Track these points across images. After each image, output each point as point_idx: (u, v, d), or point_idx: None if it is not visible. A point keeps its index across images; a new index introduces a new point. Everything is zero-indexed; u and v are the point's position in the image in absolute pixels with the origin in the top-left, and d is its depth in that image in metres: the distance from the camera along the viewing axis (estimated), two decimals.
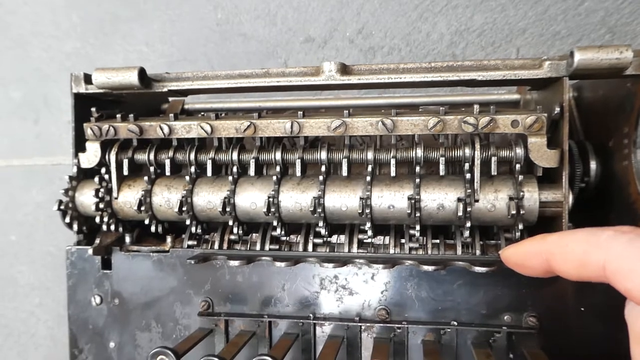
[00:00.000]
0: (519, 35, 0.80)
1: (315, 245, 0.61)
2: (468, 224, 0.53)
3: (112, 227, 0.63)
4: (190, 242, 0.63)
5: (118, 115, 0.61)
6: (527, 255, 0.44)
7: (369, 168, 0.57)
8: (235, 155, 0.60)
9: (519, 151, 0.54)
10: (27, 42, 0.99)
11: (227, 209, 0.58)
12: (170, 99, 0.79)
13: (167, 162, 0.61)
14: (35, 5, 0.98)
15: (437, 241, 0.60)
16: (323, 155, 0.58)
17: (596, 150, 0.60)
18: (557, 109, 0.52)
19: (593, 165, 0.60)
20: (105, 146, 0.62)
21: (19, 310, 1.02)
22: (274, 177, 0.58)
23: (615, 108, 0.58)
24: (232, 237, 0.63)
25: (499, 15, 0.81)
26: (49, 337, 1.01)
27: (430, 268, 0.52)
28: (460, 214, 0.53)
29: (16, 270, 1.01)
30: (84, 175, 0.64)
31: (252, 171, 0.60)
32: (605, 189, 0.59)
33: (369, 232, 0.57)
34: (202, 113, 0.77)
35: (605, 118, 0.61)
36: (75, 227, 0.63)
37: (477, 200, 0.54)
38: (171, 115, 0.61)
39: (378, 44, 0.85)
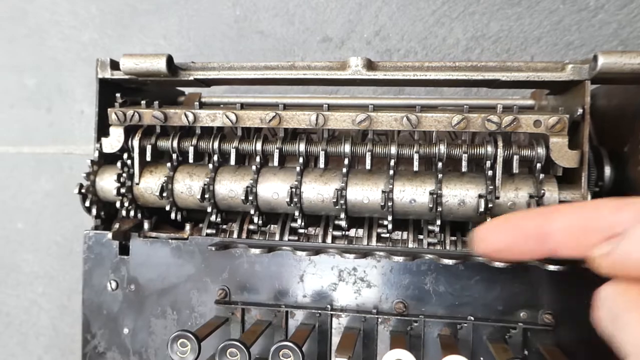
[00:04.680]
0: (534, 44, 0.82)
1: (334, 238, 0.62)
2: (489, 220, 0.54)
3: (132, 213, 0.63)
4: (209, 231, 0.64)
5: (143, 102, 0.62)
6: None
7: (392, 162, 0.58)
8: (259, 146, 0.61)
9: (541, 151, 0.55)
10: (45, 31, 0.99)
11: (250, 198, 0.59)
12: (187, 91, 0.80)
13: (191, 150, 0.62)
14: None
15: (455, 238, 0.61)
16: (347, 148, 0.59)
17: (610, 156, 0.62)
18: (580, 110, 0.54)
19: (607, 170, 0.61)
20: (129, 132, 0.63)
21: (21, 299, 1.01)
22: (297, 168, 0.59)
23: (631, 114, 0.60)
24: (251, 227, 0.63)
25: (514, 23, 0.83)
26: (50, 326, 1.00)
27: (450, 262, 0.53)
28: (481, 209, 0.54)
29: (21, 258, 1.01)
30: (104, 160, 0.65)
31: (275, 161, 0.60)
32: (618, 193, 0.60)
33: (389, 226, 0.58)
34: (221, 106, 0.77)
35: (620, 124, 0.62)
36: (94, 211, 0.63)
37: (497, 197, 0.55)
38: (196, 103, 0.61)
39: (395, 46, 0.86)
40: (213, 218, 0.62)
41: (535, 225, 0.37)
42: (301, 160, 0.60)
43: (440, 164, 0.57)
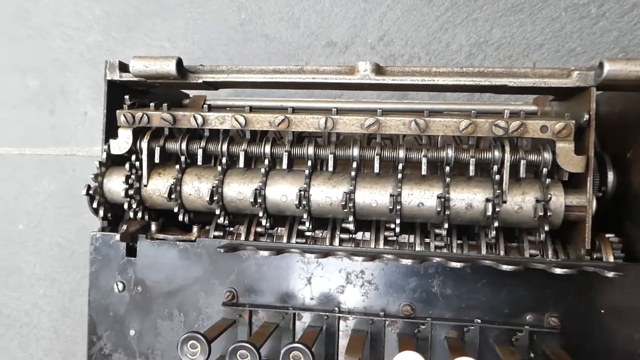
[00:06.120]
0: (536, 50, 0.83)
1: (341, 241, 0.62)
2: (495, 224, 0.55)
3: (139, 215, 0.63)
4: (216, 233, 0.64)
5: (151, 104, 0.62)
6: None
7: (400, 166, 0.58)
8: (268, 149, 0.61)
9: (547, 156, 0.56)
10: (48, 32, 0.99)
11: (259, 200, 0.59)
12: (192, 94, 0.80)
13: (200, 152, 0.62)
14: None
15: (461, 241, 0.61)
16: (355, 152, 0.59)
17: (613, 162, 0.63)
18: (586, 116, 0.54)
19: (610, 175, 0.62)
20: (137, 134, 0.63)
21: (22, 301, 1.01)
22: (306, 171, 0.59)
23: (634, 121, 0.61)
24: (259, 229, 0.63)
25: (517, 30, 0.84)
26: (52, 329, 0.99)
27: (457, 265, 0.54)
28: (488, 213, 0.55)
29: (22, 260, 1.00)
30: (111, 162, 0.65)
31: (284, 164, 0.61)
32: (621, 198, 0.61)
33: (397, 230, 0.58)
34: (228, 109, 0.77)
35: (623, 131, 0.63)
36: (101, 212, 0.63)
37: (504, 202, 0.56)
38: (205, 106, 0.62)
39: (399, 51, 0.87)
40: (221, 220, 0.62)
41: None
42: (310, 163, 0.60)
43: (447, 168, 0.57)
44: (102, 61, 0.65)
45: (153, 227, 0.64)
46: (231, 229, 0.65)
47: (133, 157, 0.63)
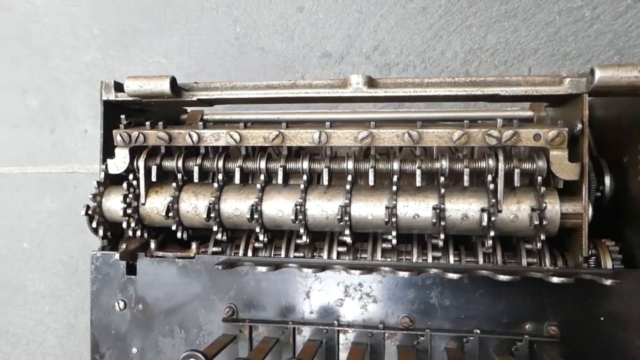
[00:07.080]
0: (531, 55, 0.83)
1: (339, 254, 0.62)
2: (492, 234, 0.55)
3: (138, 233, 0.64)
4: (215, 249, 0.64)
5: (147, 123, 0.63)
6: None
7: (395, 178, 0.58)
8: (263, 164, 0.62)
9: (541, 164, 0.56)
10: (47, 52, 1.00)
11: (255, 216, 0.59)
12: (189, 110, 0.80)
13: (196, 170, 0.62)
14: (57, 17, 1.00)
15: (458, 251, 0.61)
16: (350, 165, 0.59)
17: (610, 166, 0.62)
18: (579, 125, 0.54)
19: (607, 180, 0.62)
20: (134, 153, 0.63)
21: (27, 319, 1.02)
22: (302, 186, 0.59)
23: (630, 125, 0.61)
24: (257, 244, 0.64)
25: (511, 35, 0.84)
26: (58, 346, 1.00)
27: (455, 276, 0.53)
28: (484, 223, 0.55)
29: (26, 277, 1.01)
30: (109, 181, 0.65)
31: (279, 179, 0.61)
32: (618, 203, 0.61)
33: (394, 242, 0.58)
34: (225, 125, 0.78)
35: (618, 135, 0.63)
36: (100, 232, 0.64)
37: (500, 211, 0.56)
38: (200, 123, 0.62)
39: (394, 60, 0.87)
40: (219, 236, 0.62)
41: None
42: (305, 177, 0.60)
43: (442, 179, 0.57)
44: (99, 79, 0.65)
45: (152, 244, 0.65)
46: (230, 244, 0.65)
47: (131, 176, 0.63)
